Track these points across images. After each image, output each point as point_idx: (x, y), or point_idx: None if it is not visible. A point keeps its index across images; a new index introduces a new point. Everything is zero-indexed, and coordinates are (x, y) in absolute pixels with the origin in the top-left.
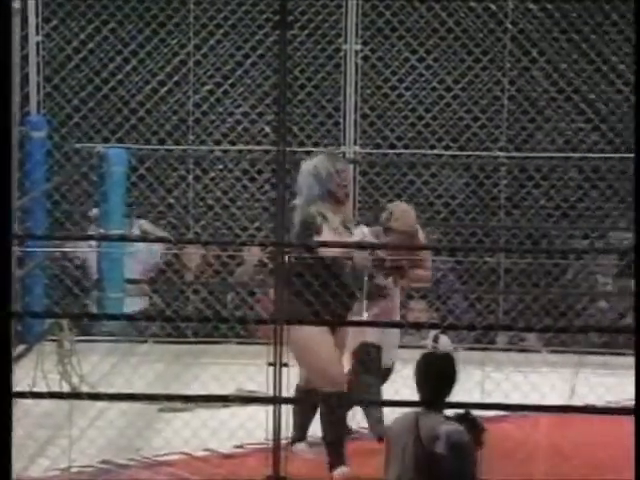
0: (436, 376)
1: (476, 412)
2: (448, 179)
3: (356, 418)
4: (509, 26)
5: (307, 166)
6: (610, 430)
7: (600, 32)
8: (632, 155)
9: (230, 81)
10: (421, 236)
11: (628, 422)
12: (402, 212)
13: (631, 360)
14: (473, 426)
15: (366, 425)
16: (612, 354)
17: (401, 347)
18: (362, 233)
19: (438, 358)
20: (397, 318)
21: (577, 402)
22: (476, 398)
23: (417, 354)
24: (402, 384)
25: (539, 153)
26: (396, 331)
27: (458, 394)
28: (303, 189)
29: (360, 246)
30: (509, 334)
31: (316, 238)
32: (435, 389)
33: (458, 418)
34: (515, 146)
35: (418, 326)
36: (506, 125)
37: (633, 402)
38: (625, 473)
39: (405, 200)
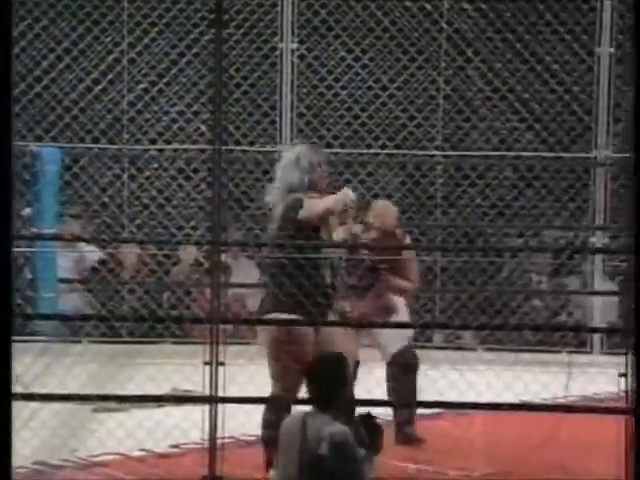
0: (326, 377)
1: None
2: (384, 178)
3: None
4: (444, 26)
5: (288, 155)
6: (544, 426)
7: (534, 32)
8: (566, 155)
9: (165, 79)
10: (400, 235)
11: (564, 418)
12: (381, 209)
13: (564, 357)
14: (372, 428)
15: None
16: (546, 352)
17: None
18: (345, 194)
19: (329, 359)
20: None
21: (512, 399)
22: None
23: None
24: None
25: (474, 152)
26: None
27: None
28: (283, 178)
29: (342, 245)
30: (445, 332)
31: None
32: (324, 390)
33: (360, 419)
34: (451, 145)
35: (361, 325)
36: (442, 124)
37: (570, 399)
38: (559, 469)
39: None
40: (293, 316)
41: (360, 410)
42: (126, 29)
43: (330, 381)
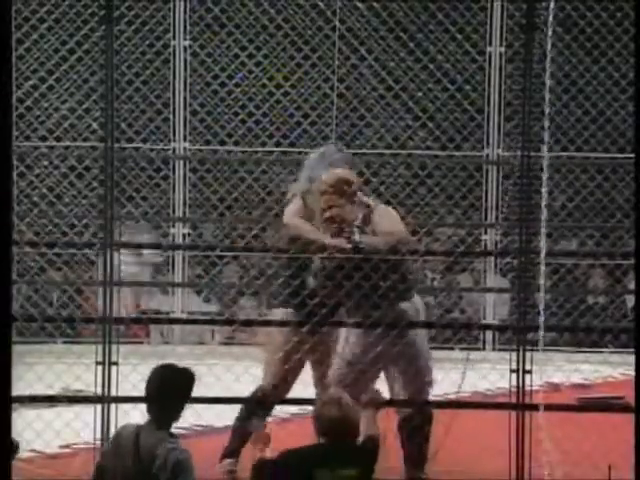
0: (165, 390)
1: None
2: (279, 176)
3: None
4: (337, 24)
5: (314, 154)
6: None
7: (426, 31)
8: (459, 153)
9: (55, 76)
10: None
11: (457, 415)
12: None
13: (455, 354)
14: None
15: None
16: (439, 349)
17: None
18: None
19: (170, 371)
20: None
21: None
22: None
23: None
24: None
25: (368, 150)
26: None
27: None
28: (306, 175)
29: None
30: None
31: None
32: (163, 404)
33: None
34: (345, 143)
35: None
36: (336, 122)
37: (461, 396)
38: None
39: (236, 197)
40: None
41: None
42: (13, 24)
43: (172, 395)
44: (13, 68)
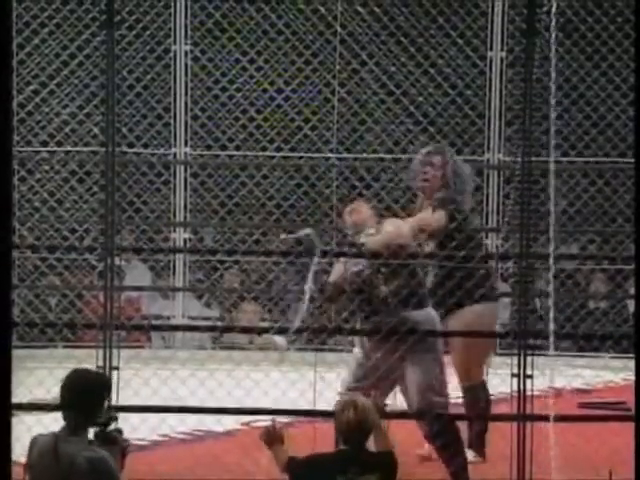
0: (80, 395)
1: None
2: (280, 180)
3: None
4: (338, 29)
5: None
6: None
7: (427, 36)
8: (460, 157)
9: (56, 81)
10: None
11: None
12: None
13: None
14: (114, 444)
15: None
16: None
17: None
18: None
19: (84, 376)
20: None
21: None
22: (309, 398)
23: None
24: None
25: (369, 154)
26: None
27: (289, 395)
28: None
29: None
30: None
31: None
32: (80, 410)
33: (99, 438)
34: (346, 147)
35: (248, 330)
36: (337, 127)
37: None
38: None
39: (237, 202)
40: None
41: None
42: (15, 29)
43: (85, 400)
44: (14, 73)
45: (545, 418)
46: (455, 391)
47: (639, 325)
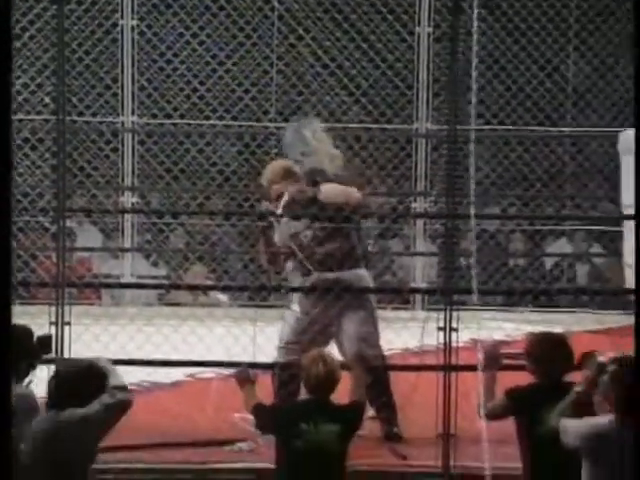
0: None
1: None
2: (222, 147)
3: None
4: (276, 5)
5: (289, 130)
6: None
7: (360, 12)
8: (390, 126)
9: None
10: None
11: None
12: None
13: (387, 313)
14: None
15: None
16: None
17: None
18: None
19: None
20: None
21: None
22: (249, 352)
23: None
24: None
25: None
26: None
27: (233, 349)
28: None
29: None
30: None
31: None
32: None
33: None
34: (284, 117)
35: (193, 288)
36: (275, 97)
37: (393, 353)
38: None
39: (182, 168)
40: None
41: None
42: None
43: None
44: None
45: (469, 368)
46: (387, 344)
47: (638, 319)
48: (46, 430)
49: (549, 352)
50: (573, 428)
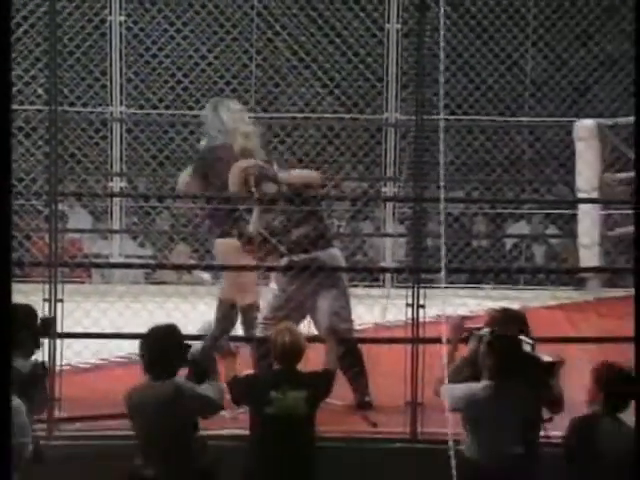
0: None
1: None
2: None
3: None
4: (255, 3)
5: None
6: None
7: (333, 9)
8: (361, 116)
9: None
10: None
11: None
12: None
13: (359, 291)
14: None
15: None
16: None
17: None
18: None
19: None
20: None
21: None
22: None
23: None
24: None
25: (283, 114)
26: None
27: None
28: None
29: None
30: None
31: None
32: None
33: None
34: (262, 107)
35: (178, 267)
36: (254, 89)
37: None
38: None
39: (167, 155)
40: None
41: None
42: None
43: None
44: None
45: (435, 341)
46: (358, 319)
47: (638, 313)
48: (163, 395)
49: (508, 327)
50: (451, 392)
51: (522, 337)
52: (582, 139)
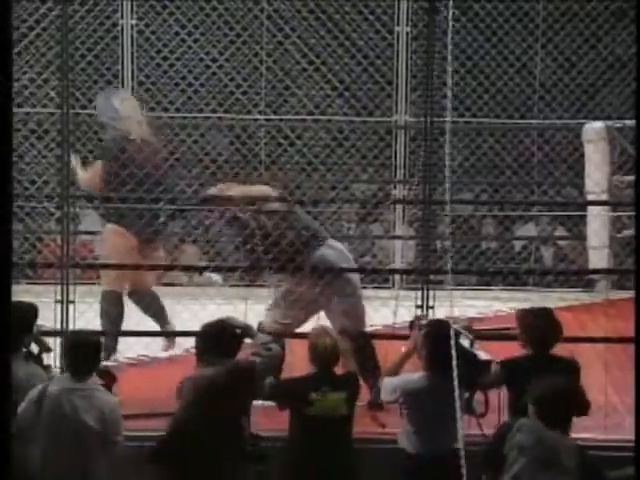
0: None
1: None
2: (215, 139)
3: None
4: (265, 6)
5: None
6: None
7: (342, 13)
8: (371, 119)
9: (16, 50)
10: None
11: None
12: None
13: (368, 292)
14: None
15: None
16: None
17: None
18: None
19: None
20: None
21: None
22: None
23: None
24: None
25: (293, 116)
26: None
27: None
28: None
29: None
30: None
31: None
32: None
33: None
34: (272, 110)
35: (189, 269)
36: (264, 92)
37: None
38: None
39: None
40: None
41: None
42: None
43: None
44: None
45: None
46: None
47: (638, 313)
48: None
49: (540, 325)
50: (389, 384)
51: (461, 330)
52: (591, 141)
